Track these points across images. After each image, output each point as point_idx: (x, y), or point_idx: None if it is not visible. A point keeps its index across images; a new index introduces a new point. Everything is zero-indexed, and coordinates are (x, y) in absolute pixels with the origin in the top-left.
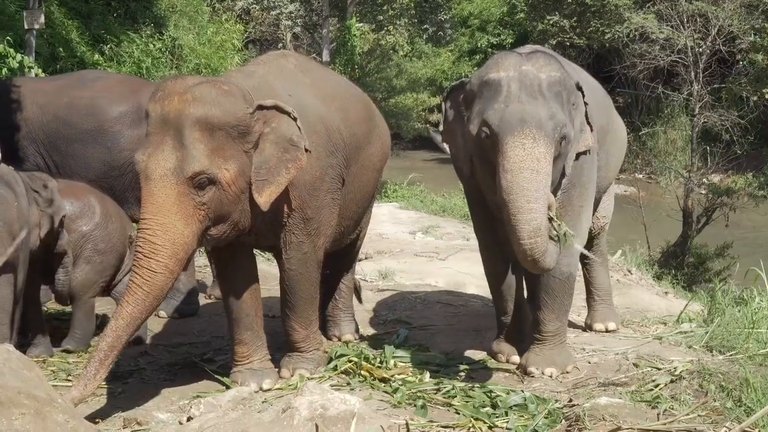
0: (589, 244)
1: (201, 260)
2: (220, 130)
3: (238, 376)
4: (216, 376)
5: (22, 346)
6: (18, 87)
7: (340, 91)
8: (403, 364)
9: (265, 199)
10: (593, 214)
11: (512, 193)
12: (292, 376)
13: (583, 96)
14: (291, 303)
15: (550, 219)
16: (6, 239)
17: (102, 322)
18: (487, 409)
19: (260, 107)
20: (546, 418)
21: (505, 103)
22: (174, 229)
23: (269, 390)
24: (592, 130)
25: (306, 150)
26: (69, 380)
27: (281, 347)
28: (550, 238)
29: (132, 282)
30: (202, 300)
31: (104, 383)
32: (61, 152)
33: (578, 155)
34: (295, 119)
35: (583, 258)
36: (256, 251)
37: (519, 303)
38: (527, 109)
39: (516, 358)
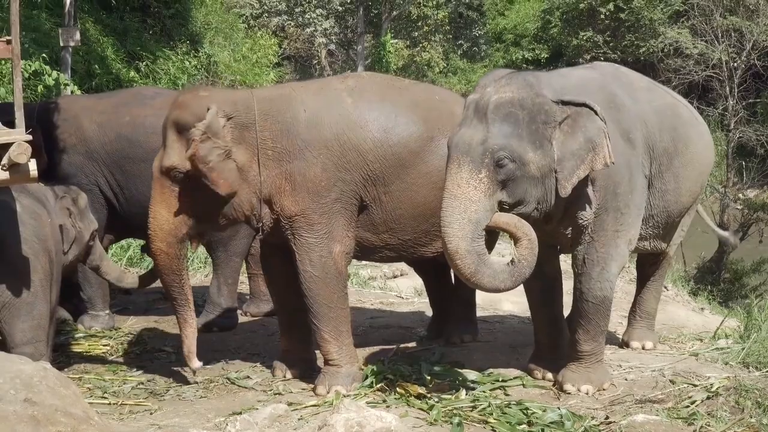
0: (652, 269)
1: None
2: (188, 130)
3: (274, 365)
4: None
5: (59, 363)
6: (68, 106)
7: (389, 112)
8: (439, 381)
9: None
10: (668, 241)
11: (440, 216)
12: (328, 392)
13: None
14: (313, 310)
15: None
16: (41, 255)
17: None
18: (524, 426)
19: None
20: None
21: (459, 127)
22: (160, 216)
23: (303, 407)
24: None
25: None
26: (105, 398)
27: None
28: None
29: None
30: (240, 317)
31: (141, 400)
32: (126, 172)
33: (605, 178)
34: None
35: (641, 276)
36: None
37: (556, 319)
38: (465, 133)
39: (552, 375)
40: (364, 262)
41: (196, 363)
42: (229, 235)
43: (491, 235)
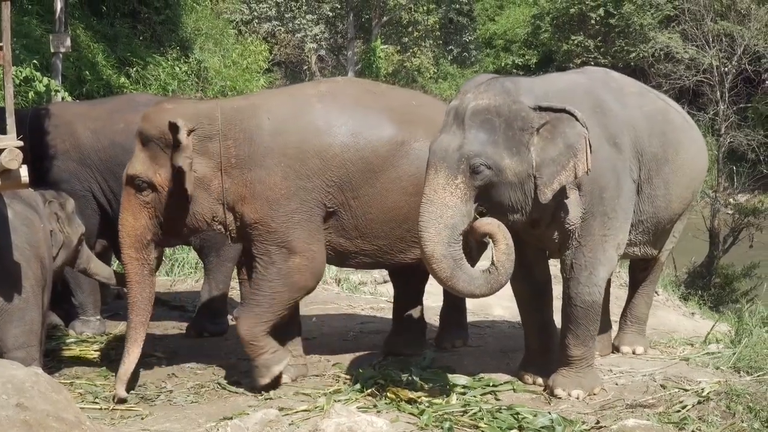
0: (643, 274)
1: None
2: (151, 142)
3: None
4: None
5: (50, 368)
6: (60, 112)
7: (360, 117)
8: (430, 385)
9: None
10: (659, 247)
11: (417, 221)
12: (268, 379)
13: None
14: (253, 302)
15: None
16: (33, 262)
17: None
18: (514, 431)
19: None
20: None
21: (439, 133)
22: (127, 223)
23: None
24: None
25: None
26: (96, 403)
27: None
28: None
29: None
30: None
31: (132, 405)
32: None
33: (591, 183)
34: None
35: (633, 282)
36: None
37: (546, 324)
38: (443, 139)
39: (543, 380)
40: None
41: (122, 392)
42: (221, 240)
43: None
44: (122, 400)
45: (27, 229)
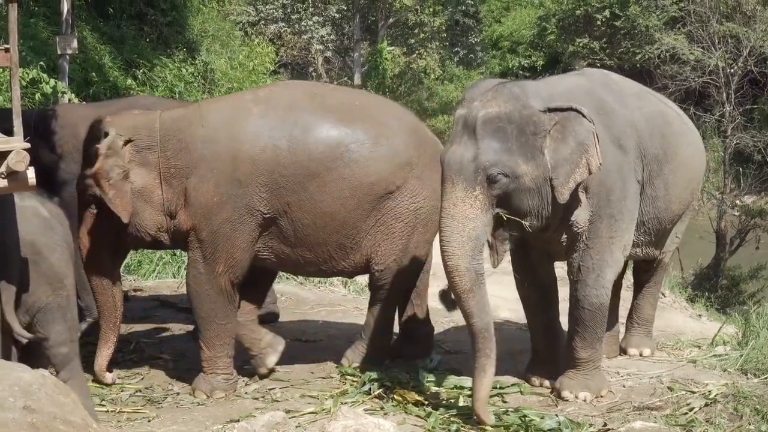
0: (646, 275)
1: None
2: (90, 155)
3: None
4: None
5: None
6: (66, 114)
7: (295, 121)
8: (437, 388)
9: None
10: (660, 248)
11: (439, 234)
12: (194, 392)
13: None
14: (196, 320)
15: None
16: (70, 261)
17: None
18: None
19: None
20: None
21: (450, 143)
22: (82, 234)
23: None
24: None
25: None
26: (103, 405)
27: None
28: None
29: None
30: None
31: (139, 407)
32: None
33: (598, 185)
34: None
35: (637, 283)
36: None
37: (552, 326)
38: (455, 151)
39: (549, 383)
40: None
41: (108, 377)
42: None
43: None
44: (110, 381)
45: (63, 228)
